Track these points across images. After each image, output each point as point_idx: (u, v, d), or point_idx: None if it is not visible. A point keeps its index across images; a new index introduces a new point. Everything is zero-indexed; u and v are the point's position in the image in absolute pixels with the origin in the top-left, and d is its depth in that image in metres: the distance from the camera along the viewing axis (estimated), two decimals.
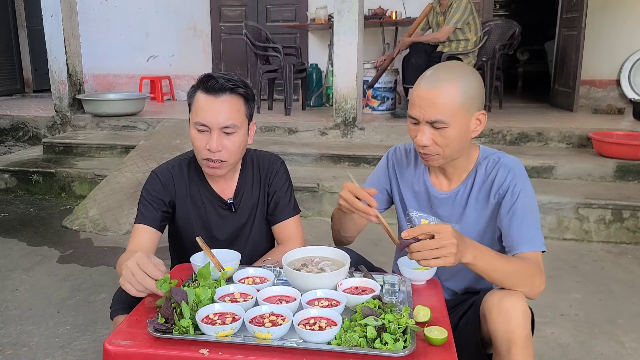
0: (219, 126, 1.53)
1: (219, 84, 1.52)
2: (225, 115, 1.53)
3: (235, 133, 1.56)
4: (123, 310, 1.48)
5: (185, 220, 1.72)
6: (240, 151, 1.62)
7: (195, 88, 1.57)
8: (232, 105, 1.54)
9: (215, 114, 1.52)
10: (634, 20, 5.85)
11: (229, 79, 1.55)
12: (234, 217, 1.73)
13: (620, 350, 2.21)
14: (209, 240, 1.58)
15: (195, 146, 1.59)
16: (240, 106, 1.57)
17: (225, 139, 1.55)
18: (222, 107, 1.53)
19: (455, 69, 1.45)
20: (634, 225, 3.38)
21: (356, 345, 1.11)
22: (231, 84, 1.54)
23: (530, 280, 1.36)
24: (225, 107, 1.53)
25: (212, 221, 1.72)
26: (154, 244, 1.64)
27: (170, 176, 1.69)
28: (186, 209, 1.70)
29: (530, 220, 1.44)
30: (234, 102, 1.55)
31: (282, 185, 1.76)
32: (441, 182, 1.59)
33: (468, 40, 4.89)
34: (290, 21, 6.63)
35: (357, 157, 4.32)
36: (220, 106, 1.53)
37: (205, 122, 1.53)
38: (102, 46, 7.12)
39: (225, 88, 1.53)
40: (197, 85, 1.57)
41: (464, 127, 1.42)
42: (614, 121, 4.92)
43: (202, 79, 1.56)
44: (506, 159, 1.52)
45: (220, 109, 1.53)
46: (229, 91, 1.54)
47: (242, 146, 1.61)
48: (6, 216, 3.99)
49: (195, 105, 1.56)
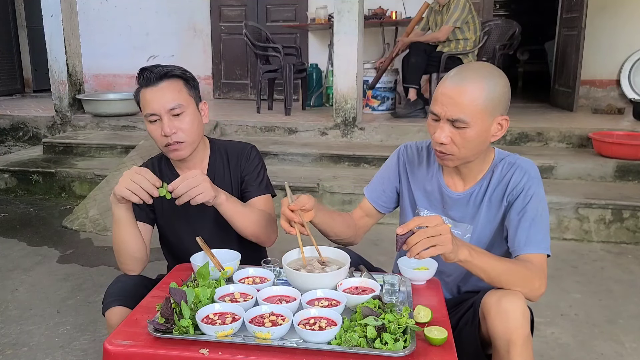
0: (166, 109, 1.60)
1: (153, 73, 1.60)
2: (167, 98, 1.60)
3: (183, 113, 1.62)
4: (117, 302, 1.49)
5: (165, 215, 1.76)
6: (195, 130, 1.66)
7: (138, 87, 1.65)
8: (172, 88, 1.62)
9: (158, 100, 1.60)
10: (634, 20, 5.84)
11: (162, 67, 1.63)
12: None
13: (620, 350, 2.21)
14: (192, 231, 1.61)
15: (154, 138, 1.66)
16: (181, 87, 1.64)
17: (176, 120, 1.61)
18: (163, 92, 1.61)
19: (482, 70, 1.42)
20: (634, 225, 3.38)
21: (356, 345, 1.11)
22: (165, 69, 1.62)
23: (529, 281, 1.35)
24: (165, 91, 1.61)
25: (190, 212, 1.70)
26: (147, 236, 1.69)
27: None
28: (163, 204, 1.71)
29: (539, 223, 1.43)
30: (173, 85, 1.63)
31: (254, 168, 1.78)
32: (455, 182, 1.57)
33: (467, 40, 4.88)
34: (290, 21, 6.63)
35: (357, 157, 4.32)
36: (161, 92, 1.61)
37: (152, 111, 1.61)
38: (102, 46, 7.12)
39: (159, 76, 1.61)
40: (138, 83, 1.65)
41: (484, 130, 1.40)
42: (614, 121, 4.92)
43: (138, 75, 1.64)
44: (522, 161, 1.50)
45: (161, 95, 1.60)
46: (164, 77, 1.62)
47: (195, 124, 1.65)
48: (6, 216, 3.99)
49: (142, 101, 1.64)
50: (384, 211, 1.73)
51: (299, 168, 4.32)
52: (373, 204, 1.72)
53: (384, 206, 1.72)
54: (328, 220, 1.57)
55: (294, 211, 1.42)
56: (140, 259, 1.61)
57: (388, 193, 1.70)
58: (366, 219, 1.74)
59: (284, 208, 1.42)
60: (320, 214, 1.51)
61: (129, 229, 1.56)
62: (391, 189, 1.70)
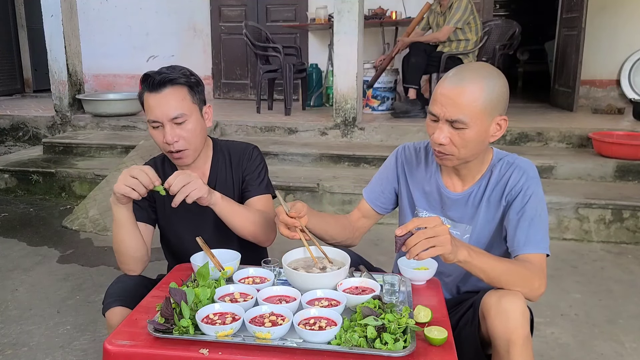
0: (168, 118, 1.59)
1: (156, 80, 1.58)
2: (170, 106, 1.58)
3: (186, 121, 1.61)
4: (118, 302, 1.49)
5: (166, 215, 1.75)
6: (198, 136, 1.65)
7: (142, 89, 1.64)
8: (175, 96, 1.60)
9: (161, 108, 1.58)
10: (634, 20, 5.84)
11: (167, 73, 1.60)
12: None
13: (620, 350, 2.21)
14: (193, 231, 1.61)
15: (157, 143, 1.66)
16: (185, 94, 1.62)
17: (178, 129, 1.60)
18: (166, 100, 1.59)
19: (481, 70, 1.42)
20: (634, 225, 3.38)
21: (356, 345, 1.11)
22: (169, 76, 1.59)
23: (529, 281, 1.35)
24: (168, 99, 1.59)
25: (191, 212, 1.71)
26: (148, 237, 1.69)
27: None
28: (164, 204, 1.72)
29: (538, 223, 1.43)
30: (177, 92, 1.60)
31: (255, 168, 1.77)
32: (454, 183, 1.57)
33: (468, 40, 4.88)
34: (290, 21, 6.63)
35: (357, 157, 4.32)
36: (164, 100, 1.59)
37: (155, 119, 1.60)
38: (102, 46, 7.12)
39: (163, 82, 1.58)
40: (142, 86, 1.64)
41: (483, 130, 1.40)
42: (614, 121, 4.92)
43: (142, 79, 1.62)
44: (521, 161, 1.50)
45: (164, 103, 1.59)
46: (168, 84, 1.59)
47: (197, 131, 1.65)
48: (6, 216, 3.99)
49: (145, 106, 1.63)
50: (382, 212, 1.73)
51: (299, 168, 4.33)
52: (371, 205, 1.72)
53: (383, 207, 1.72)
54: (322, 224, 1.56)
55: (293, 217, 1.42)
56: (140, 259, 1.61)
57: (387, 194, 1.70)
58: (364, 220, 1.73)
59: (283, 216, 1.41)
60: (313, 219, 1.51)
61: (129, 230, 1.56)
62: (390, 190, 1.70)
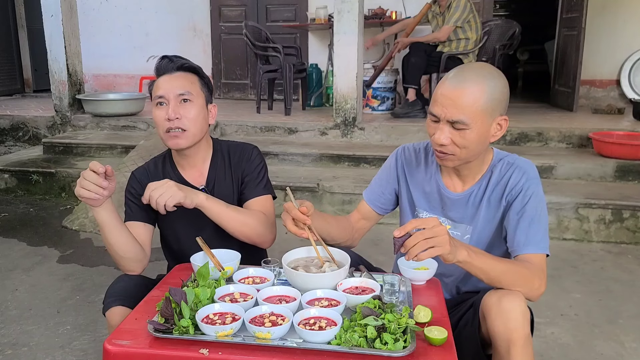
0: (175, 94, 1.63)
1: (172, 62, 1.66)
2: (179, 83, 1.64)
3: (191, 102, 1.64)
4: (118, 302, 1.49)
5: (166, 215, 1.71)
6: (199, 122, 1.67)
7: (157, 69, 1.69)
8: (187, 78, 1.66)
9: (170, 85, 1.64)
10: (634, 20, 5.84)
11: (182, 58, 1.69)
12: None
13: (620, 350, 2.21)
14: (192, 231, 1.61)
15: (157, 122, 1.67)
16: (195, 80, 1.68)
17: (182, 107, 1.63)
18: (176, 79, 1.65)
19: (482, 70, 1.42)
20: (634, 225, 3.38)
21: (356, 345, 1.11)
22: (185, 62, 1.68)
23: (529, 281, 1.35)
24: (179, 78, 1.65)
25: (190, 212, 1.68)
26: (148, 236, 1.70)
27: (147, 174, 1.77)
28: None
29: (538, 223, 1.43)
30: (188, 76, 1.67)
31: (255, 168, 1.77)
32: (454, 183, 1.57)
33: (468, 40, 4.88)
34: (290, 21, 6.63)
35: (357, 157, 4.32)
36: (175, 78, 1.65)
37: (162, 94, 1.64)
38: (102, 46, 7.12)
39: (178, 66, 1.66)
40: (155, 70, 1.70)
41: (484, 131, 1.40)
42: (614, 121, 4.92)
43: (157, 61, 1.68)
44: (521, 161, 1.51)
45: (174, 81, 1.65)
46: (181, 68, 1.67)
47: (200, 117, 1.67)
48: (6, 216, 3.99)
49: (154, 88, 1.68)
50: (382, 213, 1.73)
51: (299, 168, 4.32)
52: (372, 206, 1.72)
53: (383, 208, 1.72)
54: (324, 224, 1.56)
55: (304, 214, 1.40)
56: (134, 259, 1.60)
57: (387, 195, 1.70)
58: (363, 222, 1.73)
59: (295, 212, 1.39)
60: (316, 219, 1.50)
61: (115, 232, 1.55)
62: (390, 191, 1.70)
